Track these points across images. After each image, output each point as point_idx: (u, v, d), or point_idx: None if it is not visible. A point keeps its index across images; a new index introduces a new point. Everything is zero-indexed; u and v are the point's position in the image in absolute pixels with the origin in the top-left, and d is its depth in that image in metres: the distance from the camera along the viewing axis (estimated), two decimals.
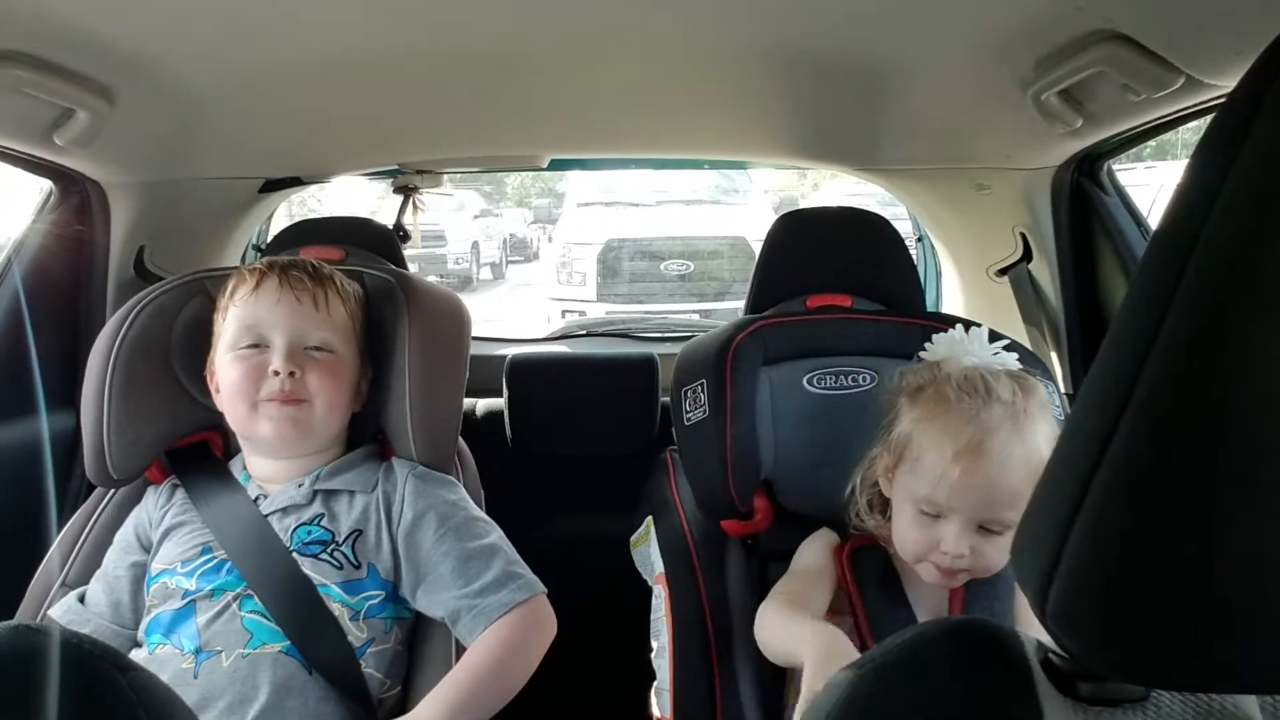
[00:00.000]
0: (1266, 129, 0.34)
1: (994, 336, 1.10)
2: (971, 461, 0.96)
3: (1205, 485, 0.36)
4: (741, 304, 1.48)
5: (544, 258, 9.98)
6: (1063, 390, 1.58)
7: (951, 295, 2.00)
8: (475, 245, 9.99)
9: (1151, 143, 1.46)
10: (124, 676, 0.55)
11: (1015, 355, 1.08)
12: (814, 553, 1.14)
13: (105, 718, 0.54)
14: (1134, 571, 0.38)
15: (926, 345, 1.11)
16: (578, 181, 7.12)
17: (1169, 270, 0.36)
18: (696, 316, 5.17)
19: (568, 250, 6.21)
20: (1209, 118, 0.40)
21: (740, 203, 6.54)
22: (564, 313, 5.84)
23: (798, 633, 0.98)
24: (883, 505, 1.10)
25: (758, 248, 2.85)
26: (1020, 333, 1.68)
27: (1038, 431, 0.99)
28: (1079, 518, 0.39)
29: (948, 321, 1.31)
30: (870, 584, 1.09)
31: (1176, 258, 0.36)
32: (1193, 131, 1.34)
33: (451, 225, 9.30)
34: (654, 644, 1.23)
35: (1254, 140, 0.35)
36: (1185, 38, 0.96)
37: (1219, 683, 0.42)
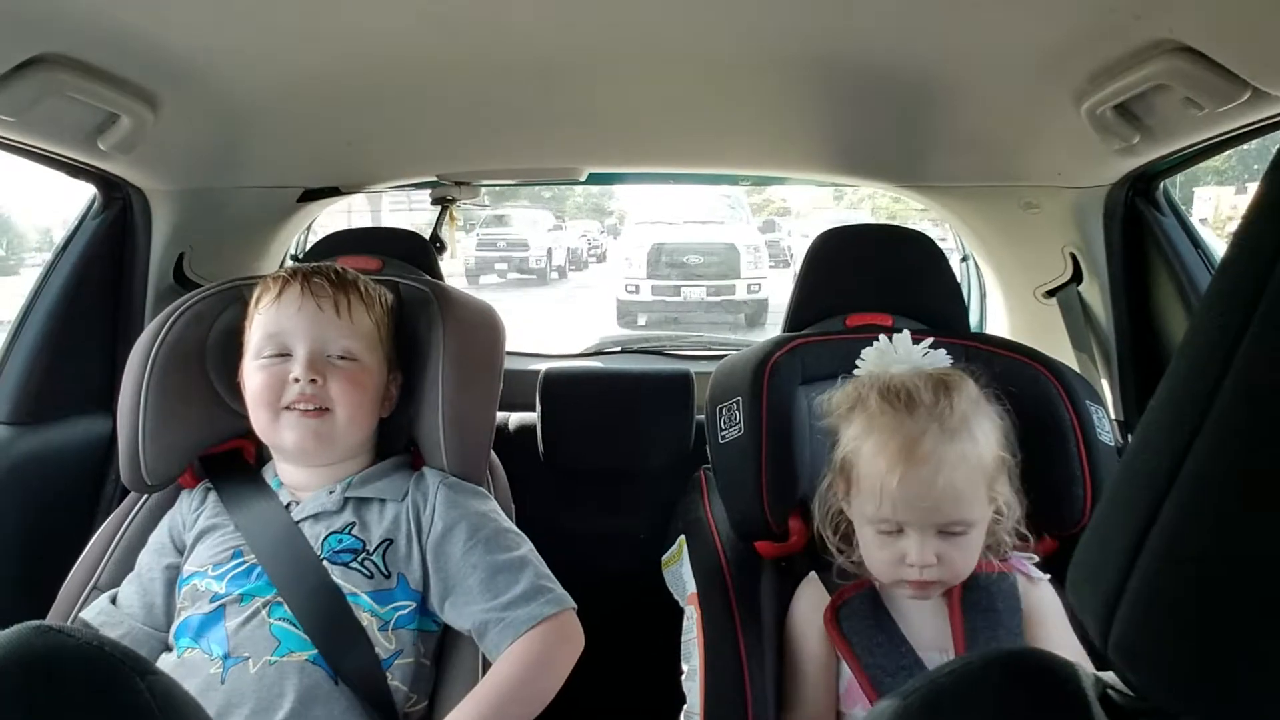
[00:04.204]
0: None
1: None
2: (907, 470, 0.98)
3: None
4: (731, 282, 1.47)
5: (590, 268, 14.81)
6: (1113, 417, 1.53)
7: (997, 316, 1.96)
8: (549, 251, 12.99)
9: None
10: (143, 680, 0.54)
11: (944, 352, 1.10)
12: (805, 635, 1.12)
13: None
14: (1210, 599, 0.35)
15: (859, 363, 1.13)
16: (633, 204, 11.45)
17: (1249, 278, 0.34)
18: (703, 292, 9.44)
19: (630, 249, 10.09)
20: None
21: (733, 220, 10.68)
22: (626, 286, 9.66)
23: None
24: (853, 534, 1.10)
25: (743, 250, 9.42)
26: (1069, 356, 1.63)
27: (971, 427, 1.01)
28: (1148, 541, 0.37)
29: (991, 342, 1.28)
30: (862, 637, 1.08)
31: (1257, 266, 0.34)
32: (1223, 159, 1.30)
33: (531, 235, 12.52)
34: (685, 666, 1.20)
35: None
36: (1252, 48, 0.92)
37: None
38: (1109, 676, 0.45)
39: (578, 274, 13.96)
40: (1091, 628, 0.40)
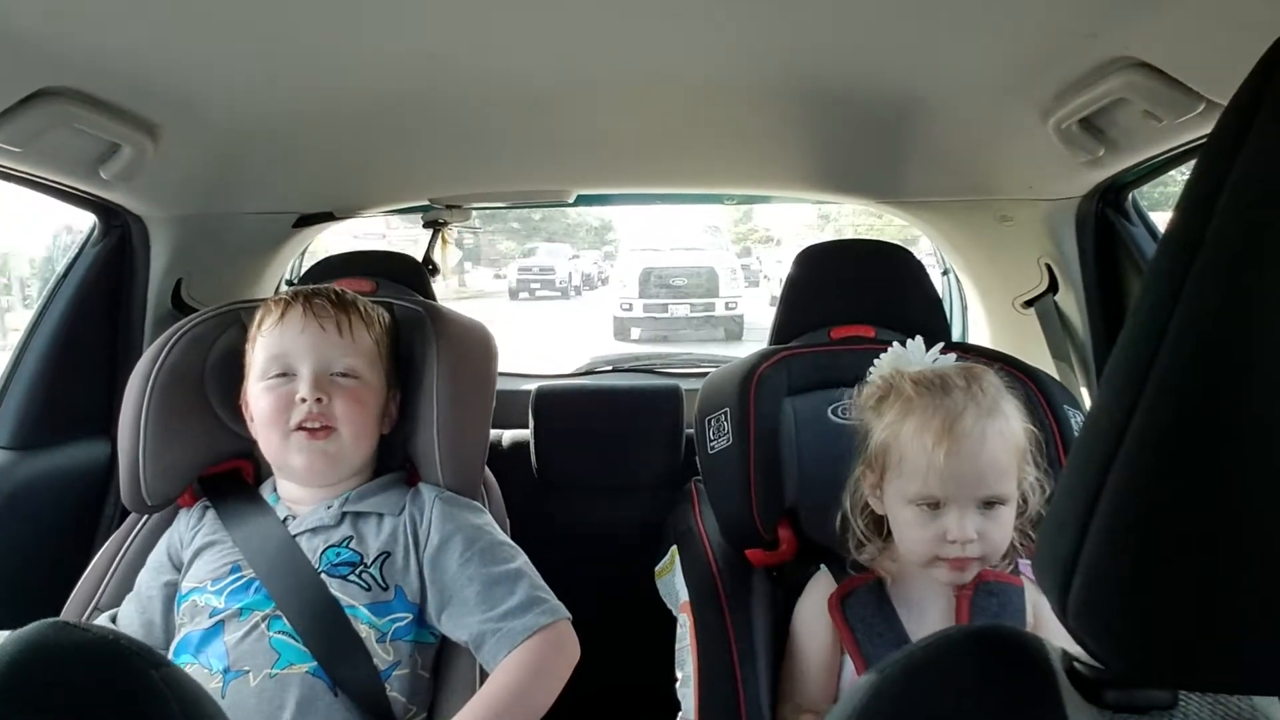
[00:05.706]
0: (1266, 126, 0.35)
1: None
2: (952, 444, 1.02)
3: (1223, 474, 0.36)
4: (711, 300, 1.50)
5: (598, 289, 17.63)
6: None
7: (978, 327, 1.99)
8: (570, 274, 16.62)
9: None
10: (157, 671, 0.56)
11: (953, 357, 1.14)
12: (812, 628, 1.14)
13: (139, 710, 0.55)
14: (1153, 565, 0.37)
15: (872, 366, 1.17)
16: (627, 233, 13.64)
17: (1177, 264, 0.37)
18: (688, 309, 10.76)
19: (624, 273, 11.40)
20: None
21: (714, 247, 12.12)
22: (621, 305, 10.97)
23: None
24: (878, 527, 1.12)
25: (721, 273, 11.05)
26: (1049, 365, 1.66)
27: (1001, 407, 1.05)
28: (1097, 513, 0.39)
29: (972, 351, 1.31)
30: (865, 626, 1.10)
31: (1184, 252, 0.37)
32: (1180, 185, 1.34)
33: (557, 264, 16.24)
34: (679, 674, 1.22)
35: (1255, 137, 0.35)
36: (1202, 62, 0.97)
37: (1245, 683, 0.41)
38: (1076, 650, 0.47)
39: (590, 293, 17.56)
40: (1052, 598, 0.42)
